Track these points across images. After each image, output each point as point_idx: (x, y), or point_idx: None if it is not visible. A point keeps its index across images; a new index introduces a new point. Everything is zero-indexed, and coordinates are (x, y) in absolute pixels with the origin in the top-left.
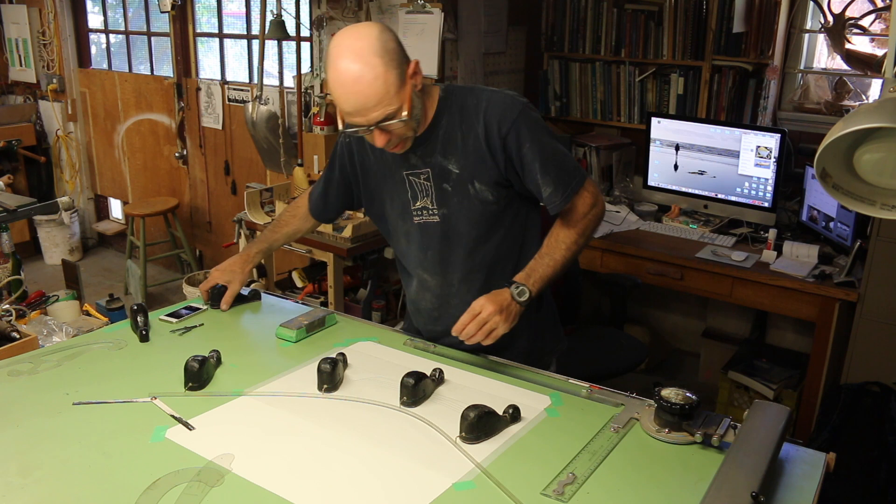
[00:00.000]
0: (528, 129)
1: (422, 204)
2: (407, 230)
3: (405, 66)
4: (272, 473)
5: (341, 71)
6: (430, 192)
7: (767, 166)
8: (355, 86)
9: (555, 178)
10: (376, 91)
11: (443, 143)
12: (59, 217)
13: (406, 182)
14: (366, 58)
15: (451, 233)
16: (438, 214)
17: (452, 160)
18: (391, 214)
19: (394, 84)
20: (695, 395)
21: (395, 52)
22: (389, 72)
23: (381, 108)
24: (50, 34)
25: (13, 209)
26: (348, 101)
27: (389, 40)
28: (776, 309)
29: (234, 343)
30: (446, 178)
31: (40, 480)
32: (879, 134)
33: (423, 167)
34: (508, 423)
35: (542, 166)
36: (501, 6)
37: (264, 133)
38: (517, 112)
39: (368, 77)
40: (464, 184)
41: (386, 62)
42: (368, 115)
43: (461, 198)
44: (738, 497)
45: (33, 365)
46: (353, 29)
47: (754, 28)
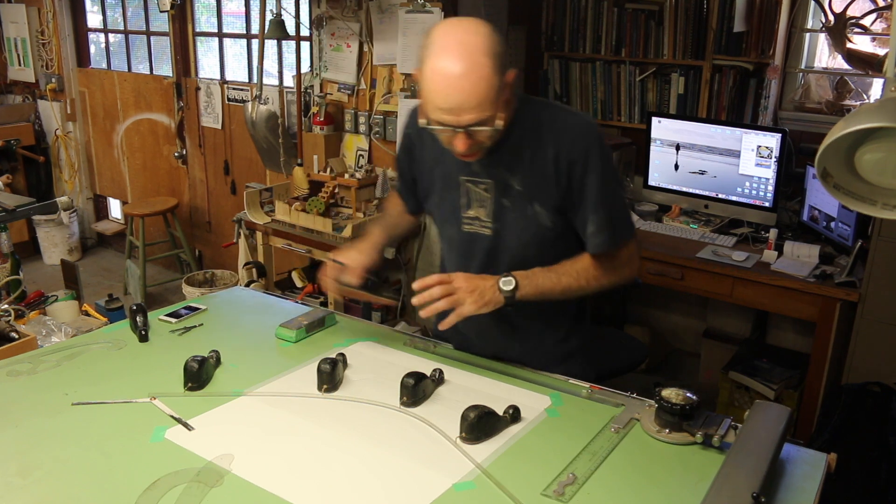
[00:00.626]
0: (597, 160)
1: (474, 213)
2: (451, 235)
3: (506, 71)
4: (272, 474)
5: (447, 64)
6: (487, 204)
7: (768, 166)
8: (459, 82)
9: (605, 219)
10: (478, 93)
11: (510, 156)
12: (58, 217)
13: (462, 187)
14: (475, 56)
15: (501, 249)
16: (491, 228)
17: (517, 176)
18: (437, 215)
19: (495, 89)
20: (695, 396)
21: (502, 56)
22: (495, 76)
23: (477, 111)
24: (49, 33)
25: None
26: (447, 98)
27: (499, 43)
28: (777, 309)
29: (233, 343)
30: (507, 193)
31: (40, 481)
32: (880, 133)
33: (485, 177)
34: (508, 424)
35: (597, 202)
36: (501, 6)
37: (264, 133)
38: (592, 139)
39: (474, 77)
40: (524, 202)
41: (494, 65)
42: (461, 116)
43: (518, 216)
44: (738, 497)
45: (32, 365)
46: (464, 22)
47: (755, 27)
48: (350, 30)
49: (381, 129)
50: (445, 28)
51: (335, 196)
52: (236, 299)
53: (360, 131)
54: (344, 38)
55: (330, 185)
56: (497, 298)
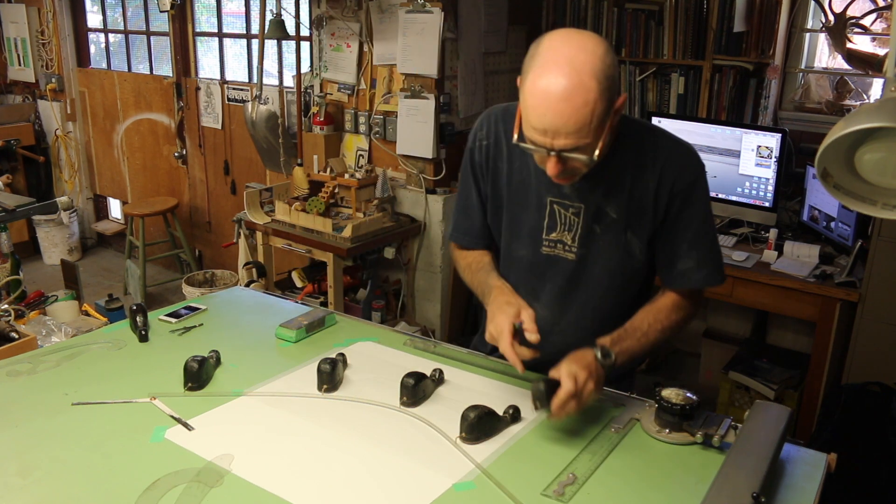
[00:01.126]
0: (699, 195)
1: (558, 237)
2: (523, 255)
3: (616, 97)
4: (272, 474)
5: (550, 81)
6: (576, 228)
7: (768, 166)
8: (559, 104)
9: (703, 256)
10: (580, 118)
11: (609, 182)
12: (58, 217)
13: (548, 208)
14: (583, 77)
15: (584, 276)
16: (576, 254)
17: (613, 203)
18: (508, 234)
19: (599, 116)
20: (695, 396)
21: (613, 80)
22: (601, 102)
23: (575, 137)
24: (49, 33)
25: (12, 209)
26: (543, 117)
27: (612, 65)
28: (777, 309)
29: (233, 343)
30: (600, 219)
31: (39, 481)
32: (880, 133)
33: (577, 201)
34: (508, 424)
35: (694, 238)
36: (501, 5)
37: (264, 133)
38: (695, 176)
39: (579, 100)
40: (618, 231)
41: (602, 89)
42: (556, 140)
43: (608, 244)
44: (738, 498)
45: (32, 365)
46: (578, 36)
47: (755, 27)
48: (350, 30)
49: (381, 129)
50: (556, 40)
51: (335, 196)
52: (236, 299)
53: (360, 131)
54: (344, 38)
55: (330, 185)
56: (603, 373)
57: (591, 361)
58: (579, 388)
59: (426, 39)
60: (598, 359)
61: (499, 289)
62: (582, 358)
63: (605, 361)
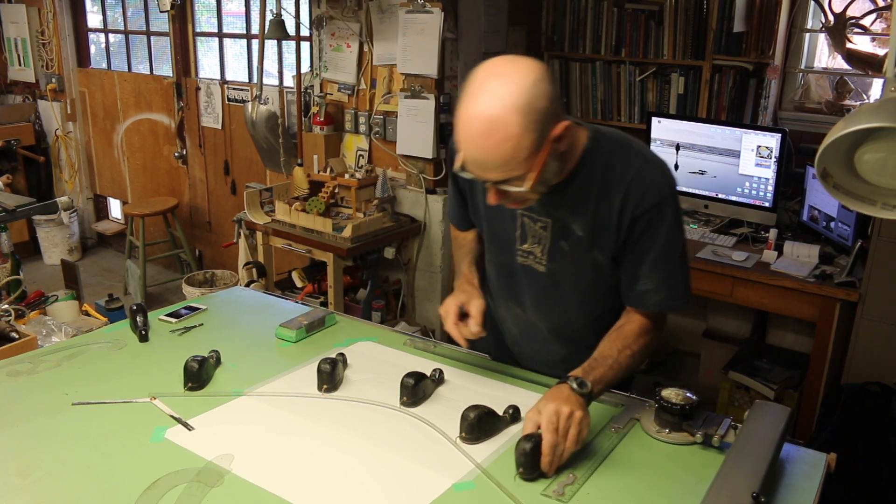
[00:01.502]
0: (664, 218)
1: (529, 248)
2: (503, 261)
3: (550, 127)
4: (272, 473)
5: (472, 115)
6: (545, 242)
7: (768, 166)
8: (481, 139)
9: (663, 279)
10: (502, 153)
11: (574, 200)
12: (59, 217)
13: (518, 220)
14: (505, 112)
15: (555, 289)
16: (546, 267)
17: (579, 221)
18: (488, 239)
19: (526, 150)
20: (695, 396)
21: (542, 112)
22: (526, 136)
23: (502, 171)
24: (49, 34)
25: (12, 209)
26: (468, 151)
27: (541, 96)
28: (777, 309)
29: (233, 343)
30: (566, 236)
31: (40, 481)
32: (880, 134)
33: (544, 216)
34: (508, 423)
35: (655, 260)
36: (501, 6)
37: (264, 133)
38: (661, 199)
39: (499, 136)
40: (583, 249)
41: (526, 123)
42: (485, 173)
43: (575, 260)
44: (738, 497)
45: (32, 365)
46: (507, 67)
47: (755, 27)
48: (350, 30)
49: (381, 129)
50: (485, 71)
51: (335, 196)
52: (236, 299)
53: (360, 131)
54: (344, 38)
55: (330, 185)
56: (583, 402)
57: (568, 394)
58: (562, 428)
59: (426, 39)
60: (574, 390)
61: (464, 276)
62: (558, 394)
63: (581, 391)
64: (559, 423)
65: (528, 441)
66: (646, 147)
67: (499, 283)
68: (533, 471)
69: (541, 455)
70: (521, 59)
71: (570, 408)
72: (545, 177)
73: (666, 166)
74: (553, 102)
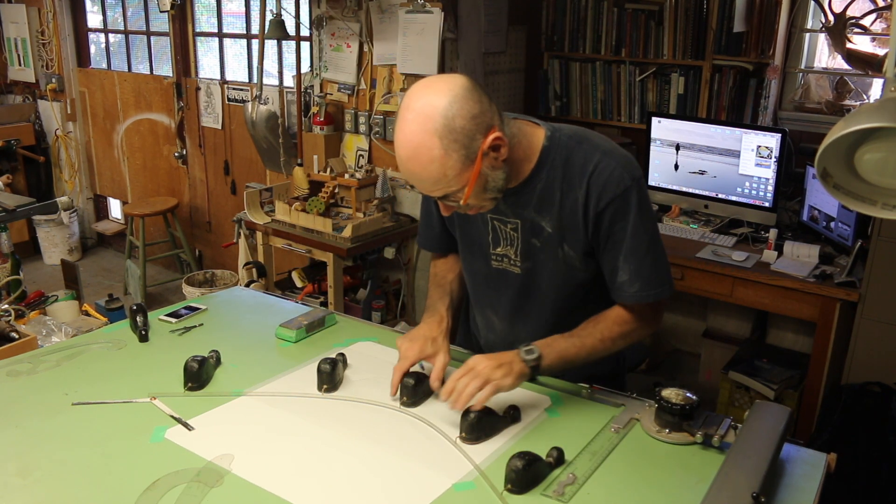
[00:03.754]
0: (630, 208)
1: (503, 251)
2: (477, 268)
3: (477, 142)
4: (272, 474)
5: (398, 141)
6: (516, 243)
7: (768, 166)
8: (408, 163)
9: (637, 269)
10: (430, 174)
11: (539, 199)
12: (59, 217)
13: (489, 225)
14: (425, 136)
15: (532, 288)
16: (521, 268)
17: (546, 218)
18: (463, 248)
19: (453, 168)
20: (695, 396)
21: (462, 131)
22: (450, 155)
23: (436, 189)
24: (49, 34)
25: (12, 209)
26: (404, 173)
27: (459, 116)
28: (777, 309)
29: (233, 343)
30: (537, 234)
31: (39, 481)
32: (880, 134)
33: (513, 217)
34: (508, 423)
35: (628, 251)
36: (501, 6)
37: (264, 133)
38: (622, 189)
39: (424, 159)
40: (554, 245)
41: (447, 144)
42: (426, 191)
43: (549, 257)
44: (738, 498)
45: (32, 365)
46: (426, 89)
47: (755, 27)
48: (350, 30)
49: (381, 129)
50: (410, 97)
51: (335, 196)
52: (236, 299)
53: (360, 131)
54: (344, 38)
55: (330, 185)
56: (524, 368)
57: (505, 356)
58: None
59: (426, 39)
60: (520, 353)
61: (436, 321)
62: (497, 354)
63: (527, 356)
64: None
65: (520, 459)
66: (605, 140)
67: (475, 291)
68: (523, 488)
69: (532, 472)
70: (443, 80)
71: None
72: (492, 185)
73: (626, 157)
74: (475, 119)
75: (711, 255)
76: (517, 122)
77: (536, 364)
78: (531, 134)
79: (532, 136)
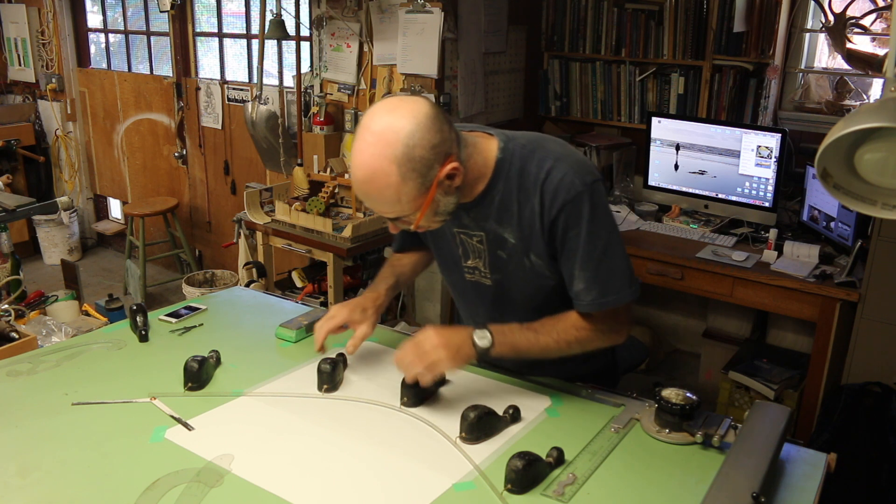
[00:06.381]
0: (580, 215)
1: (473, 264)
2: (455, 281)
3: (434, 171)
4: (272, 474)
5: (355, 164)
6: (484, 255)
7: (768, 166)
8: (364, 186)
9: (593, 276)
10: (385, 198)
11: (498, 211)
12: (59, 217)
13: (457, 238)
14: (382, 162)
15: (505, 299)
16: (491, 279)
17: (508, 230)
18: (439, 262)
19: (408, 195)
20: (695, 396)
21: (421, 160)
22: (406, 183)
23: (391, 211)
24: (49, 34)
25: (12, 209)
26: (358, 193)
27: (419, 145)
28: (777, 309)
29: (233, 343)
30: (502, 245)
31: (39, 481)
32: (880, 134)
33: (477, 230)
34: (508, 424)
35: (583, 258)
36: (501, 6)
37: (264, 133)
38: (573, 195)
39: (380, 183)
40: (520, 255)
41: (404, 172)
42: (378, 211)
43: (516, 267)
44: (738, 498)
45: (32, 365)
46: (390, 116)
47: (755, 27)
48: (350, 30)
49: None
50: (370, 117)
51: (335, 196)
52: (236, 299)
53: None
54: (344, 38)
55: (330, 185)
56: (470, 352)
57: (457, 335)
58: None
59: (426, 39)
60: (472, 337)
61: (373, 297)
62: (451, 329)
63: (479, 342)
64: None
65: (520, 459)
66: (560, 145)
67: (458, 302)
68: (523, 488)
69: (532, 472)
70: (407, 106)
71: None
72: (443, 209)
73: (580, 162)
74: (434, 148)
75: (711, 255)
76: (472, 136)
77: (486, 350)
78: (485, 148)
79: (486, 149)
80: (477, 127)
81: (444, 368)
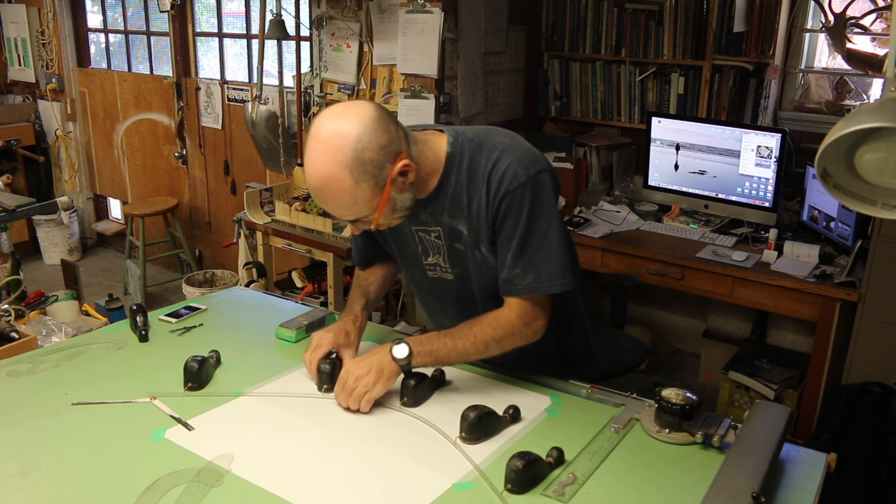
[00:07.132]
0: (521, 205)
1: (434, 260)
2: (418, 280)
3: (386, 170)
4: (272, 474)
5: (309, 170)
6: (443, 250)
7: (768, 166)
8: (319, 192)
9: (529, 262)
10: (340, 203)
11: (451, 204)
12: (59, 217)
13: (415, 237)
14: (334, 168)
15: (467, 292)
16: (452, 273)
17: (461, 222)
18: (402, 262)
19: (363, 196)
20: (695, 396)
21: (371, 162)
22: (360, 185)
23: (350, 214)
24: (49, 34)
25: (12, 209)
26: (315, 199)
27: (368, 148)
28: (777, 309)
29: (233, 343)
30: (458, 238)
31: (39, 481)
32: (880, 133)
33: (434, 225)
34: (508, 424)
35: (519, 246)
36: (501, 6)
37: (264, 133)
38: (515, 185)
39: (335, 188)
40: (472, 247)
41: (356, 176)
42: (338, 216)
43: (472, 260)
44: (738, 498)
45: (32, 365)
46: (335, 123)
47: (755, 27)
48: (350, 30)
49: None
50: (318, 125)
51: None
52: (236, 299)
53: None
54: (344, 38)
55: None
56: (392, 368)
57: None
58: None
59: (426, 39)
60: (391, 354)
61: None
62: (367, 355)
63: (398, 357)
64: (345, 390)
65: (520, 459)
66: (508, 136)
67: (423, 301)
68: (523, 488)
69: (532, 472)
70: (351, 111)
71: (366, 372)
72: (400, 206)
73: (527, 153)
74: (383, 149)
75: (711, 255)
76: (423, 134)
77: (407, 363)
78: (436, 144)
79: (437, 145)
80: (428, 126)
81: (376, 394)
